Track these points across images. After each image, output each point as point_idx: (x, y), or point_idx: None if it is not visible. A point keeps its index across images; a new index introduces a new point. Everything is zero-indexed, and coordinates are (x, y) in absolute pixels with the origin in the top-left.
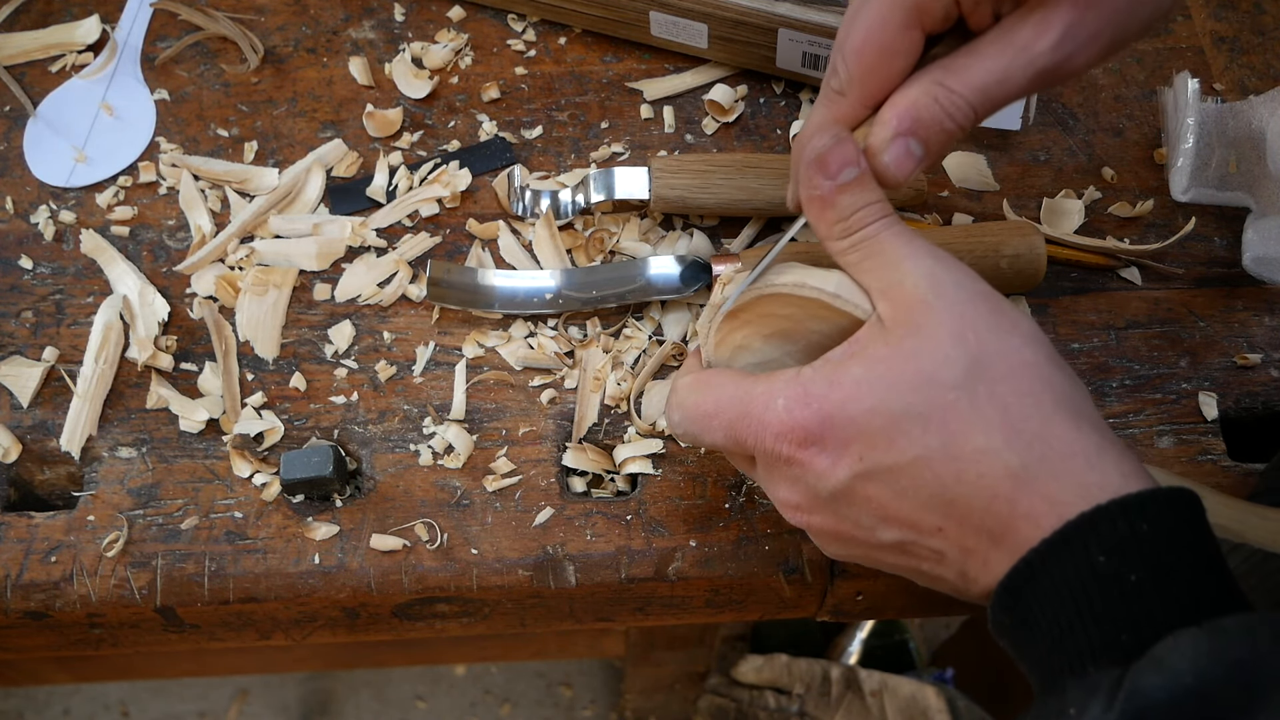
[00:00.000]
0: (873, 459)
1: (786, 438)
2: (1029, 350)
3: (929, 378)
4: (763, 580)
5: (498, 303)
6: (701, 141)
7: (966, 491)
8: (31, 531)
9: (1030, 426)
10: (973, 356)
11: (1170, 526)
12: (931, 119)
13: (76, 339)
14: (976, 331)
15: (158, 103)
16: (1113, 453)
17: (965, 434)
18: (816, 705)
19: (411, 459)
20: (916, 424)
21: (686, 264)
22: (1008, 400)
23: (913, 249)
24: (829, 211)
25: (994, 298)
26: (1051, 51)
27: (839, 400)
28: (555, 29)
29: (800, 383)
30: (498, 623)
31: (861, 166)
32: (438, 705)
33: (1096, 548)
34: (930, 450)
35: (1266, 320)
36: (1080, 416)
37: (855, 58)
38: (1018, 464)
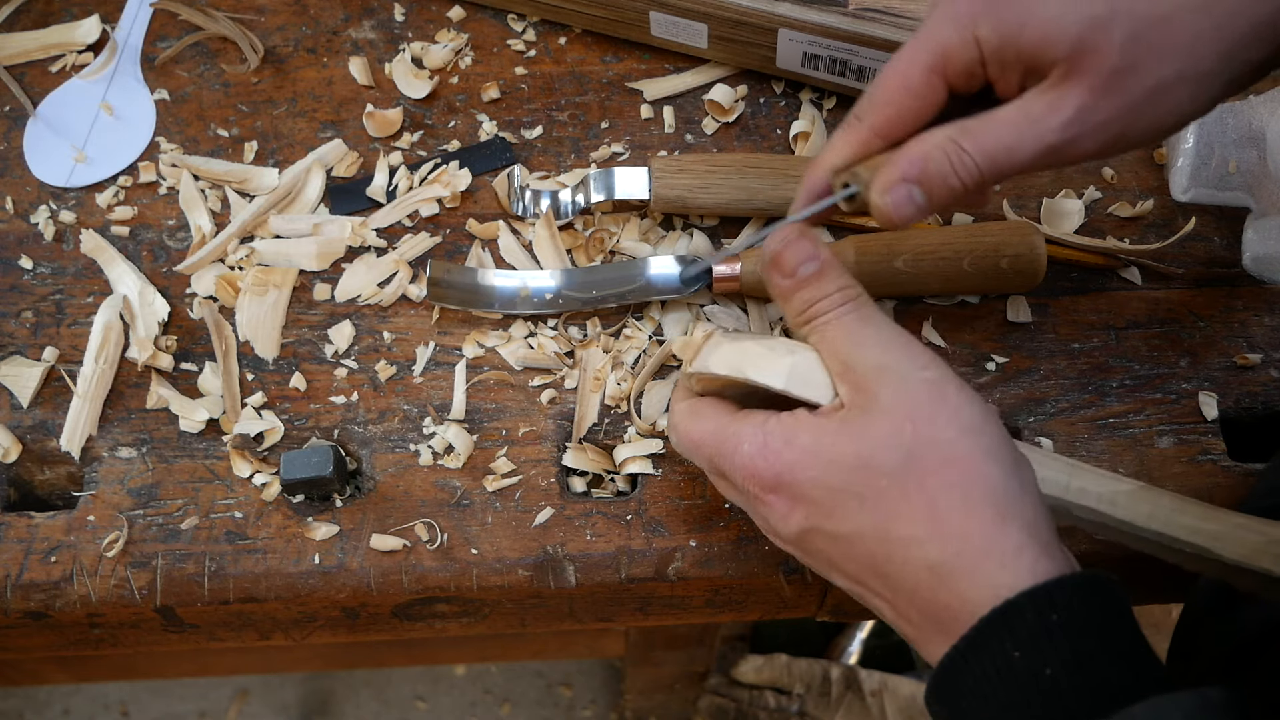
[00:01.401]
0: (816, 521)
1: (750, 479)
2: (964, 442)
3: (866, 462)
4: (763, 580)
5: (498, 303)
6: (701, 141)
7: (895, 573)
8: (31, 531)
9: (952, 521)
10: (908, 447)
11: (1082, 615)
12: (938, 172)
13: (76, 339)
14: (915, 423)
15: (158, 103)
16: (1031, 552)
17: (894, 520)
18: (816, 705)
19: (411, 459)
20: (853, 501)
21: (686, 264)
22: (935, 493)
23: (859, 341)
24: (788, 305)
25: (938, 385)
26: (1060, 130)
27: (789, 462)
28: (555, 29)
29: (764, 433)
30: (498, 623)
31: (820, 260)
32: (438, 705)
33: (1010, 643)
34: (864, 528)
35: (1266, 320)
36: (1006, 514)
37: (878, 88)
38: (936, 558)
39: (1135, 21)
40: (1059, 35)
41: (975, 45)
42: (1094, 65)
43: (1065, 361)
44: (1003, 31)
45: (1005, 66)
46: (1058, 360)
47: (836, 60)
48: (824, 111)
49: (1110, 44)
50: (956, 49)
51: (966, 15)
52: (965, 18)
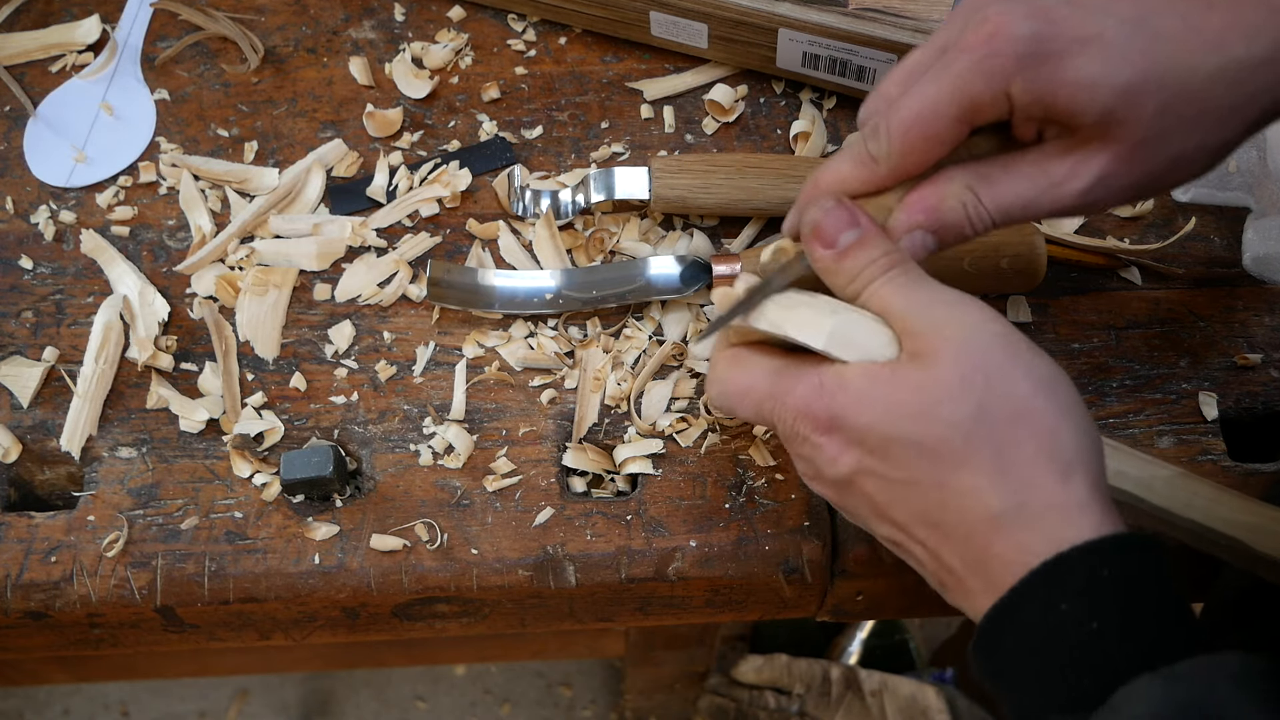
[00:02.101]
0: (870, 463)
1: (803, 419)
2: (1038, 398)
3: (930, 410)
4: (763, 580)
5: (498, 303)
6: (701, 141)
7: (949, 520)
8: (31, 531)
9: (1017, 473)
10: (978, 399)
11: (1132, 572)
12: (954, 223)
13: (76, 339)
14: (986, 374)
15: (158, 103)
16: (1094, 511)
17: (955, 468)
18: (816, 705)
19: (411, 459)
20: (910, 449)
21: (686, 264)
22: (1002, 444)
23: (918, 300)
24: (836, 278)
25: (1010, 340)
26: (1080, 195)
27: (845, 404)
28: (555, 29)
29: (818, 376)
30: (498, 623)
31: (861, 227)
32: (438, 705)
33: (1059, 595)
34: (920, 475)
35: (1266, 320)
36: (1072, 470)
37: (901, 135)
38: (998, 507)
39: (1167, 94)
40: (1089, 105)
41: (1006, 100)
42: (1122, 135)
43: (1065, 361)
44: (1035, 92)
45: (1030, 118)
46: (1058, 360)
47: (836, 60)
48: (824, 111)
49: (1141, 117)
50: (986, 104)
51: (1000, 71)
52: (999, 73)
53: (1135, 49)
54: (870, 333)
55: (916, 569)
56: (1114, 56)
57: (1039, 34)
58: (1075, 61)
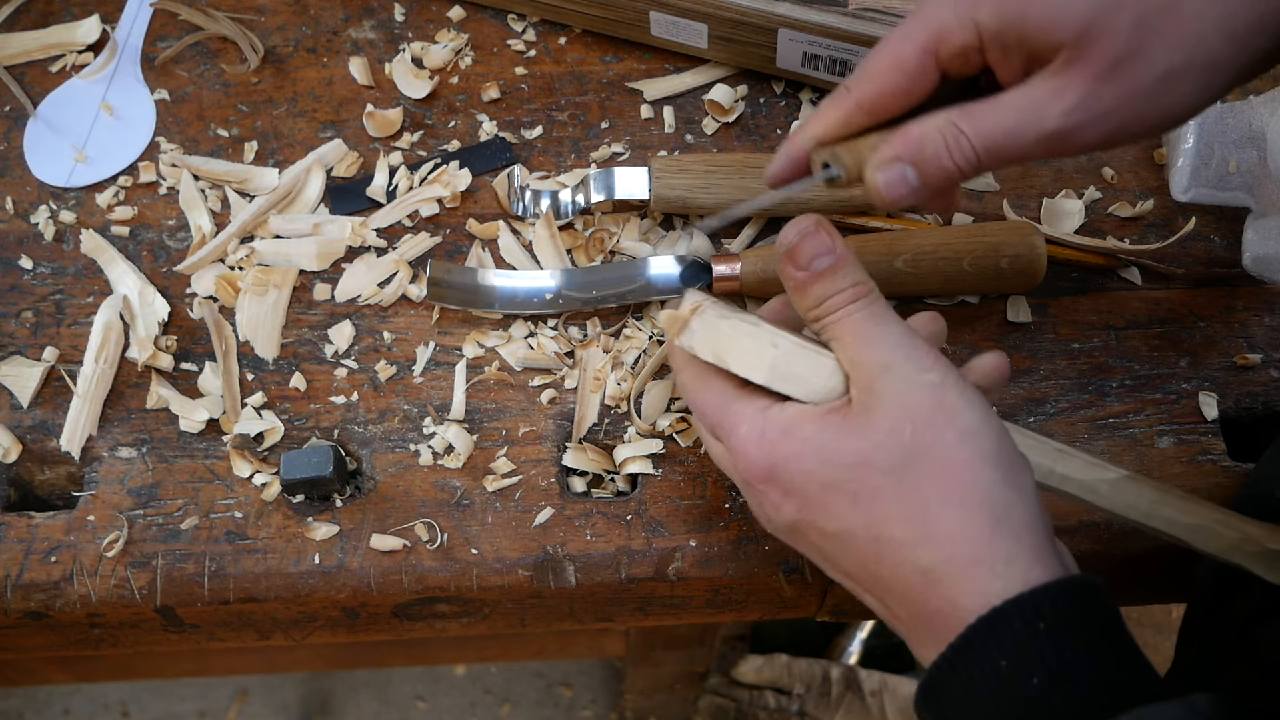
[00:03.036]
0: (808, 515)
1: (745, 465)
2: (963, 448)
3: (864, 459)
4: (763, 580)
5: (498, 303)
6: (701, 141)
7: (887, 574)
8: (31, 531)
9: (945, 527)
10: (906, 448)
11: (1069, 622)
12: (933, 153)
13: (76, 339)
14: (915, 424)
15: (158, 103)
16: (1023, 561)
17: (886, 521)
18: (816, 705)
19: (411, 459)
20: (845, 498)
21: (686, 264)
22: (929, 497)
23: (871, 337)
24: (802, 298)
25: (940, 390)
26: (1062, 117)
27: (785, 454)
28: (555, 29)
29: (763, 420)
30: (498, 623)
31: (836, 254)
32: (438, 705)
33: (997, 651)
34: (855, 527)
35: (1266, 320)
36: (1001, 521)
37: (869, 62)
38: (928, 562)
39: (1143, 6)
40: (1064, 20)
41: (974, 28)
42: (1100, 52)
43: (1065, 361)
44: (1004, 16)
45: (1007, 51)
46: (1058, 360)
47: (836, 60)
48: None
49: (1117, 30)
50: (954, 31)
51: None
52: (965, 1)
53: None
54: (812, 366)
55: (875, 615)
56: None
57: None
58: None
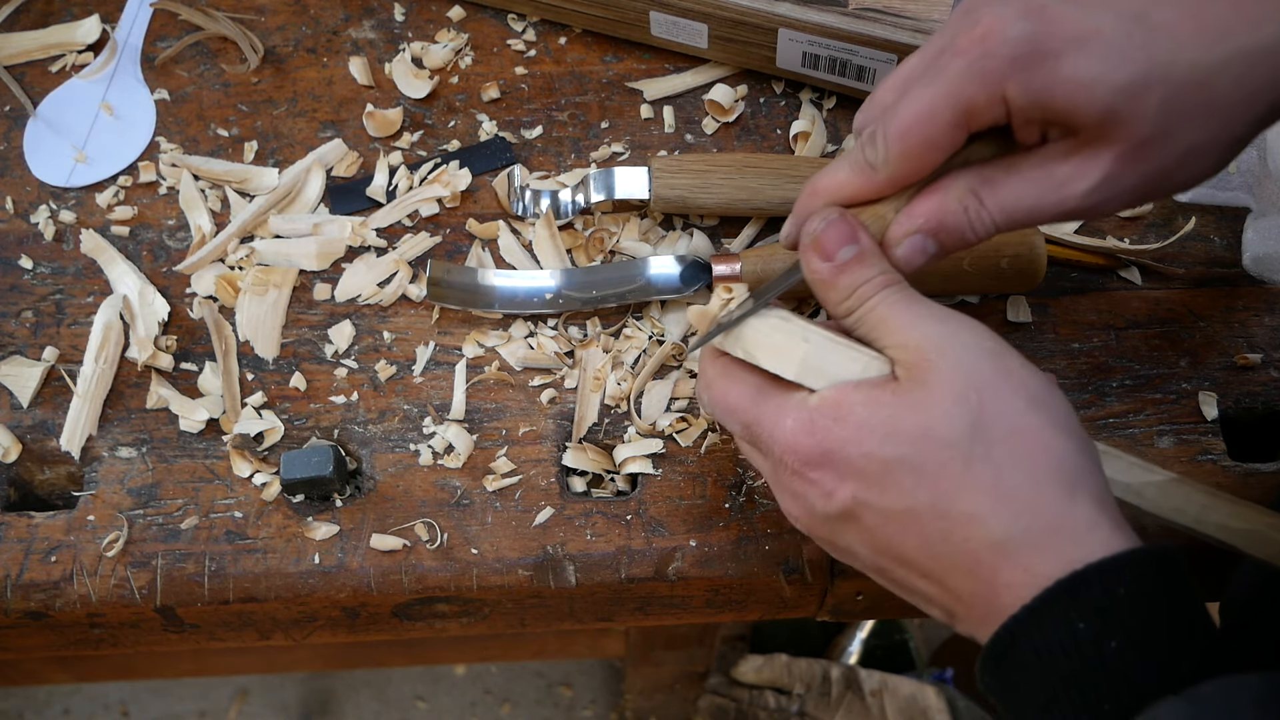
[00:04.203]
0: (867, 497)
1: (792, 453)
2: (1033, 414)
3: (927, 432)
4: (763, 580)
5: (498, 303)
6: (701, 141)
7: (952, 550)
8: (31, 531)
9: (1020, 495)
10: (973, 416)
11: (1149, 590)
12: (955, 226)
13: (76, 339)
14: (980, 391)
15: (158, 103)
16: (1104, 528)
17: (955, 495)
18: (816, 705)
19: (411, 459)
20: (909, 475)
21: (686, 264)
22: (1001, 465)
23: (913, 316)
24: (831, 292)
25: (1002, 356)
26: (1084, 196)
27: (840, 438)
28: (555, 29)
29: (808, 411)
30: (498, 623)
31: (860, 244)
32: (438, 705)
33: (1076, 614)
34: (920, 504)
35: (1266, 320)
36: (1076, 487)
37: (898, 142)
38: (1002, 534)
39: (1170, 88)
40: (1090, 102)
41: (1003, 103)
42: (1125, 134)
43: (1065, 361)
44: (1032, 94)
45: (1029, 121)
46: (1058, 360)
47: (836, 60)
48: (824, 111)
49: (1144, 114)
50: (983, 107)
51: (994, 74)
52: (993, 75)
53: (1134, 44)
54: (843, 360)
55: (919, 604)
56: (1112, 54)
57: (1033, 34)
58: (1072, 61)
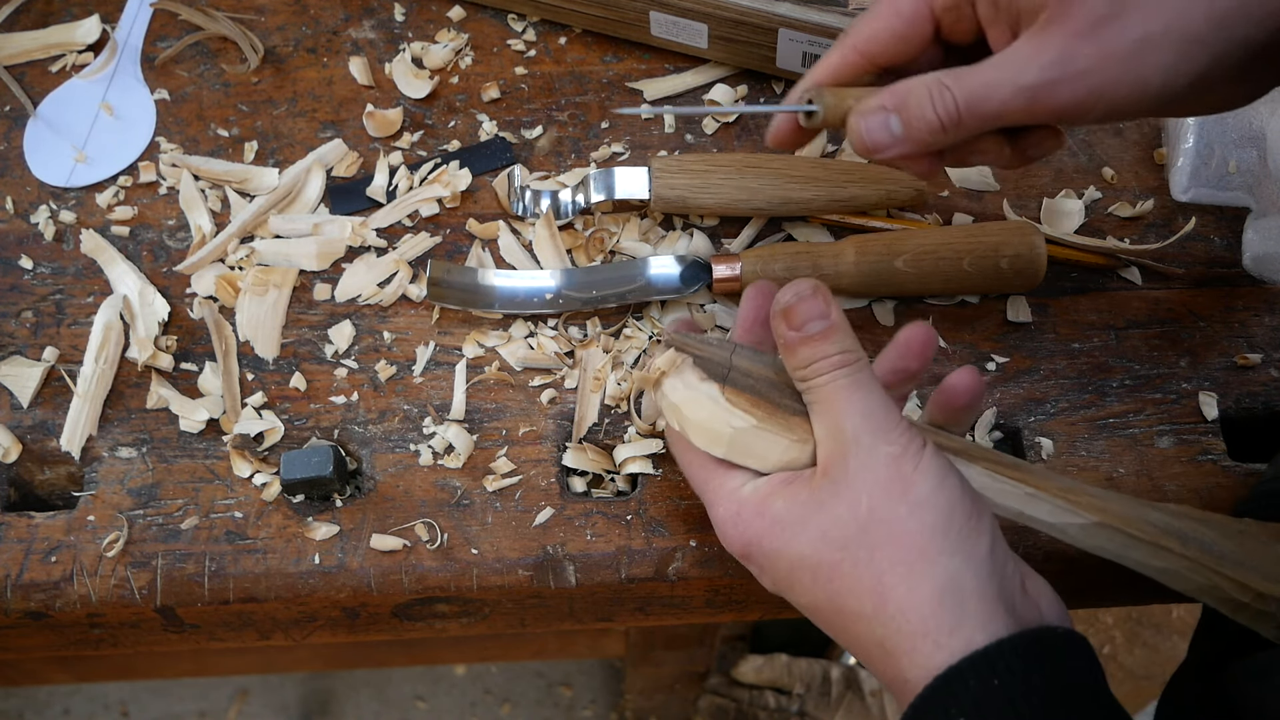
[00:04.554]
0: (781, 589)
1: (724, 540)
2: (911, 519)
3: (824, 534)
4: None
5: (498, 303)
6: (701, 141)
7: (850, 641)
8: (31, 531)
9: (894, 599)
10: (861, 522)
11: (1026, 675)
12: (917, 103)
13: (76, 339)
14: (871, 497)
15: (158, 103)
16: (966, 630)
17: (845, 595)
18: (816, 705)
19: (411, 459)
20: (807, 575)
21: (686, 264)
22: (882, 569)
23: (848, 406)
24: (791, 358)
25: (898, 462)
26: (1039, 71)
27: (755, 533)
28: (555, 29)
29: (737, 501)
30: (498, 623)
31: (829, 320)
32: (438, 705)
33: (954, 709)
34: (818, 601)
35: (1266, 320)
36: (945, 590)
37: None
38: (881, 635)
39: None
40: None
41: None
42: (1079, 12)
43: (1065, 361)
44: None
45: (997, 9)
46: (1058, 360)
47: None
48: None
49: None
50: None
51: None
52: None
53: None
54: (768, 444)
55: None
56: None
57: None
58: None
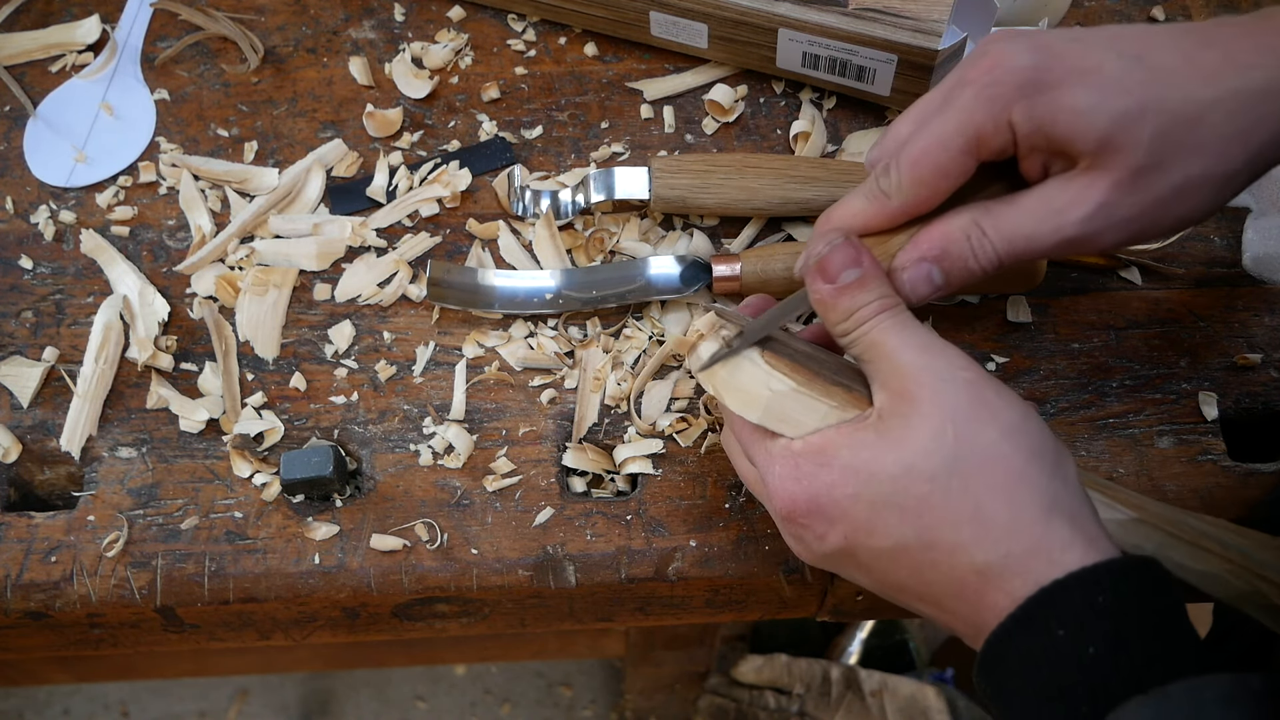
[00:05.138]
0: (856, 540)
1: (785, 502)
2: (1006, 443)
3: (907, 468)
4: (763, 580)
5: (498, 303)
6: (701, 141)
7: (941, 578)
8: (31, 531)
9: (998, 523)
10: (949, 450)
11: (1127, 595)
12: (959, 254)
13: (76, 339)
14: (955, 424)
15: (158, 103)
16: (1078, 547)
17: (938, 527)
18: (816, 705)
19: (411, 459)
20: (894, 513)
21: (686, 264)
22: (979, 495)
23: (902, 343)
24: (831, 313)
25: (978, 387)
26: (1080, 224)
27: (826, 483)
28: (555, 29)
29: (793, 458)
30: (498, 623)
31: (863, 267)
32: (438, 705)
33: (1055, 622)
34: (907, 538)
35: (1266, 320)
36: (1051, 511)
37: (910, 169)
38: (983, 561)
39: (1164, 119)
40: (1087, 129)
41: (1009, 130)
42: (1120, 162)
43: (1065, 361)
44: (1035, 120)
45: (1034, 150)
46: (1058, 360)
47: (836, 60)
48: (824, 111)
49: (1138, 141)
50: (990, 134)
51: (1001, 99)
52: (1000, 101)
53: (1133, 80)
54: (804, 409)
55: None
56: (1111, 86)
57: (1039, 64)
58: (1072, 90)
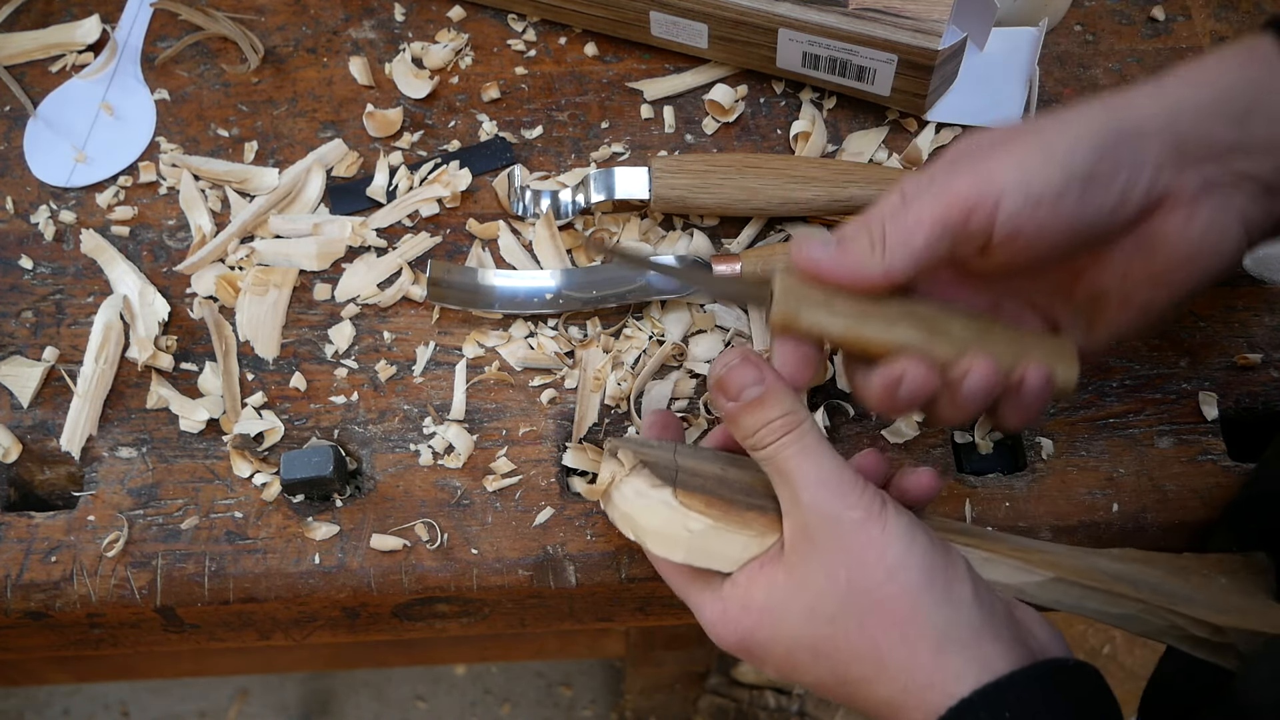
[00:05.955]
0: (785, 673)
1: (719, 642)
2: (892, 584)
3: (810, 611)
4: None
5: (498, 303)
6: (701, 141)
7: (861, 707)
8: (31, 531)
9: (896, 660)
10: (843, 592)
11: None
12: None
13: (76, 339)
14: (847, 568)
15: (158, 103)
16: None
17: (847, 664)
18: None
19: (411, 459)
20: (807, 653)
21: (686, 264)
22: (875, 635)
23: (802, 476)
24: (736, 429)
25: (864, 527)
26: None
27: (748, 627)
28: (555, 29)
29: (721, 601)
30: (498, 623)
31: (765, 384)
32: (438, 705)
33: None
34: (822, 676)
35: (1266, 320)
36: (943, 642)
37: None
38: (887, 694)
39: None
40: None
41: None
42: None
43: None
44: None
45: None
46: None
47: (836, 60)
48: (824, 111)
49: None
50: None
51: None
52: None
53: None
54: (725, 543)
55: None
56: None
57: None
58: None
